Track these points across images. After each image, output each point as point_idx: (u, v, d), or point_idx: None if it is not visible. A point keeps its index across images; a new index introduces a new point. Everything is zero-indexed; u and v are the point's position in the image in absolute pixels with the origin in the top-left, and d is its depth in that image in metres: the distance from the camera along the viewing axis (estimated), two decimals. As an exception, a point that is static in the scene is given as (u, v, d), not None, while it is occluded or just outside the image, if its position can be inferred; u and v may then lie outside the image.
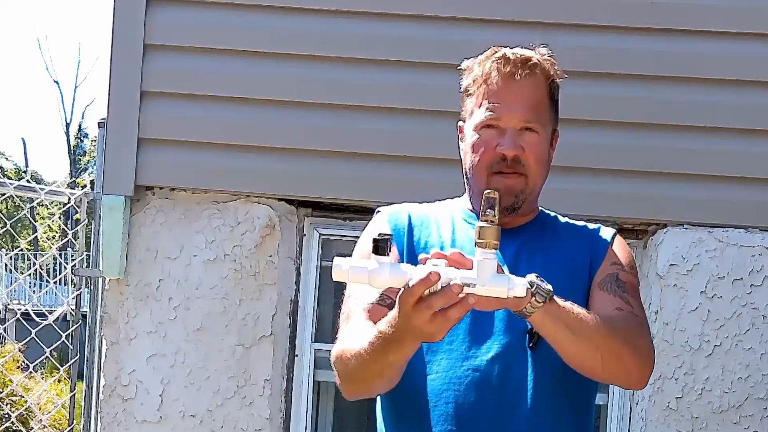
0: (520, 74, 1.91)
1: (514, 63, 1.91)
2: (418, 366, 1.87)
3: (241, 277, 3.61)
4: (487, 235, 1.59)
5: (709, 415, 3.50)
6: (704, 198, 3.55)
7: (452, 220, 2.01)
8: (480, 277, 1.58)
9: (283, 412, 3.65)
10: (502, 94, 1.91)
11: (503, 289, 1.59)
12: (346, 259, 1.61)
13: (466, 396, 1.86)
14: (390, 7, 3.57)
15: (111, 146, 3.59)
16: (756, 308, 3.51)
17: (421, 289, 1.56)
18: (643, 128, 3.55)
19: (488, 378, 1.86)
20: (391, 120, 3.52)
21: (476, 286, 1.57)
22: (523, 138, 1.92)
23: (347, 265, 1.60)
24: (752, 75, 3.53)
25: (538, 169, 1.94)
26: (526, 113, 1.92)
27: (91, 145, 35.60)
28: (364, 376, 1.83)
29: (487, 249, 1.59)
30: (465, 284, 1.56)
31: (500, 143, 1.91)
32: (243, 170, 3.59)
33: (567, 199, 3.41)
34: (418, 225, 1.99)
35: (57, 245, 5.18)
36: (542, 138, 1.95)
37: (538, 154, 1.93)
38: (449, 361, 1.87)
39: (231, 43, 3.60)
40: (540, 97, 1.94)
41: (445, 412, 1.86)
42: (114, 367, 3.63)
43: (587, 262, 1.96)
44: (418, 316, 1.58)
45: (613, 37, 3.55)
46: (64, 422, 7.95)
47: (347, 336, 1.87)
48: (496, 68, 1.92)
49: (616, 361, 1.81)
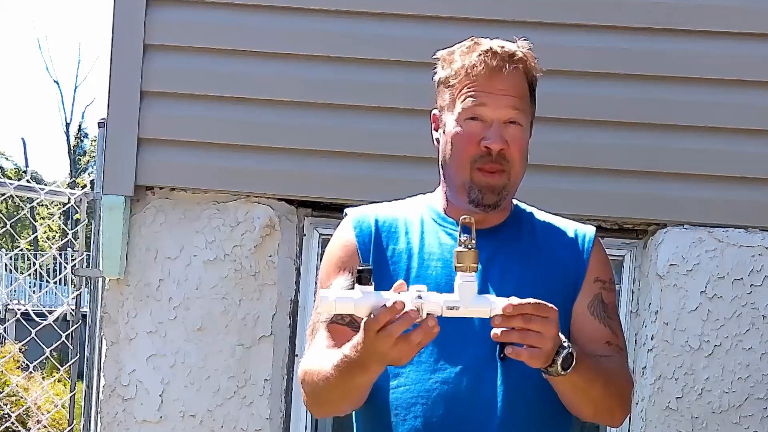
0: (507, 68, 1.89)
1: (501, 57, 1.89)
2: (388, 378, 1.86)
3: (241, 277, 3.61)
4: (465, 259, 1.68)
5: (709, 415, 3.50)
6: (704, 198, 3.54)
7: (421, 222, 1.97)
8: (462, 300, 1.66)
9: (283, 412, 3.65)
10: (488, 87, 1.88)
11: (486, 311, 1.67)
12: (332, 291, 1.72)
13: (434, 410, 1.84)
14: (390, 7, 3.57)
15: (111, 146, 3.59)
16: (756, 308, 3.51)
17: (386, 317, 1.60)
18: (643, 128, 3.55)
19: (457, 390, 1.84)
20: (391, 120, 3.52)
21: (460, 309, 1.66)
22: (508, 131, 1.89)
23: (333, 297, 1.67)
24: (752, 75, 3.53)
25: (520, 163, 1.92)
26: (512, 106, 1.90)
27: (91, 145, 35.60)
28: (329, 398, 1.84)
29: (466, 272, 1.67)
30: (449, 307, 1.65)
31: (486, 137, 1.88)
32: (243, 170, 3.59)
33: (567, 199, 3.42)
34: (385, 231, 1.96)
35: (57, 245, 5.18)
36: (525, 131, 1.93)
37: (521, 147, 1.91)
38: (417, 373, 1.86)
39: (231, 43, 3.59)
40: (522, 91, 1.92)
41: (414, 427, 1.84)
42: (114, 367, 3.63)
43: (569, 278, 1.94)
44: (381, 342, 1.62)
45: (613, 37, 3.55)
46: (64, 422, 7.95)
47: (311, 355, 1.88)
48: (483, 61, 1.89)
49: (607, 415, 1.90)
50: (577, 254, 1.95)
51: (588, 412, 1.87)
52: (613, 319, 1.95)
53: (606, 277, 1.97)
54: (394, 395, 1.87)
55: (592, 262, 1.95)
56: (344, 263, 1.94)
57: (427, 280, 1.87)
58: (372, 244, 1.94)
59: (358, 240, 1.95)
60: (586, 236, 1.98)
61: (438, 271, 1.89)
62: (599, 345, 1.91)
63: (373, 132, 3.56)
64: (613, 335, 1.93)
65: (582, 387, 1.79)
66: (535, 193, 2.52)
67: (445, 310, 1.65)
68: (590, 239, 1.97)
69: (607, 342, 1.92)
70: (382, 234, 1.95)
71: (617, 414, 1.91)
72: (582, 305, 1.93)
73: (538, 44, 2.88)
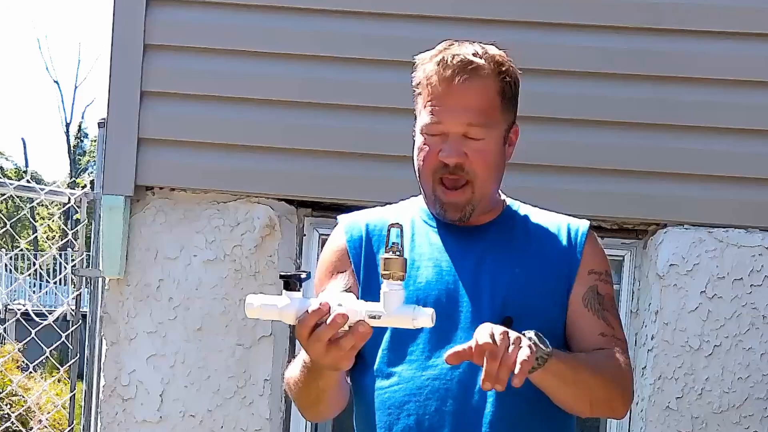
0: (459, 79, 1.82)
1: (453, 67, 1.83)
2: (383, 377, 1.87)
3: (241, 277, 3.61)
4: (392, 266, 1.62)
5: (709, 415, 3.50)
6: (704, 198, 3.54)
7: (412, 223, 1.96)
8: (386, 309, 1.61)
9: (283, 412, 3.66)
10: (442, 99, 1.84)
11: (408, 320, 1.62)
12: (257, 297, 1.65)
13: (426, 407, 1.84)
14: (390, 7, 3.57)
15: (111, 146, 3.60)
16: (756, 308, 3.51)
17: (312, 320, 1.60)
18: (643, 128, 3.55)
19: (449, 386, 1.83)
20: (391, 120, 3.52)
21: (382, 318, 1.61)
22: (468, 144, 1.84)
23: (258, 303, 1.64)
24: (752, 75, 3.53)
25: (486, 174, 1.86)
26: (468, 119, 1.83)
27: (91, 145, 35.60)
28: (305, 403, 1.89)
29: (392, 280, 1.62)
30: (371, 316, 1.60)
31: (442, 149, 1.84)
32: (243, 170, 3.59)
33: (567, 199, 3.42)
34: (375, 235, 1.95)
35: (57, 245, 5.18)
36: (489, 143, 1.85)
37: (484, 159, 1.85)
38: (410, 371, 1.85)
39: (231, 43, 3.60)
40: (485, 100, 1.85)
41: (407, 425, 1.84)
42: (114, 367, 3.63)
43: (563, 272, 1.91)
44: (312, 348, 1.62)
45: (613, 37, 3.55)
46: (64, 422, 7.95)
47: (294, 361, 1.89)
48: (436, 72, 1.84)
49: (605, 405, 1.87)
50: (570, 248, 1.93)
51: (583, 407, 1.85)
52: (609, 310, 1.92)
53: (601, 268, 1.94)
54: (387, 395, 1.87)
55: (585, 254, 1.92)
56: (336, 268, 1.95)
57: (418, 279, 1.87)
58: (363, 249, 1.94)
59: (349, 245, 1.95)
60: (579, 229, 1.95)
61: (429, 271, 1.89)
62: (593, 337, 1.89)
63: (373, 132, 3.56)
64: (608, 326, 1.90)
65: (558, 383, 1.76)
66: (536, 193, 2.53)
67: (367, 318, 1.61)
68: (583, 232, 1.95)
69: (601, 333, 1.89)
70: (372, 239, 1.95)
71: (617, 405, 1.88)
72: (577, 298, 1.90)
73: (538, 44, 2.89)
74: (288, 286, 1.62)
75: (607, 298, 1.93)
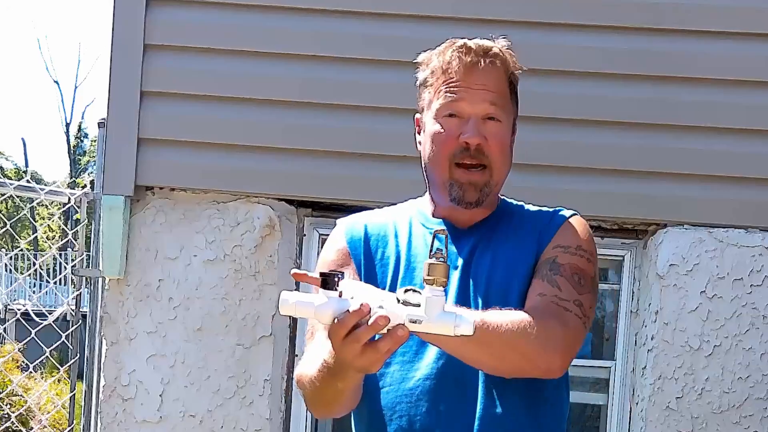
0: (482, 63, 1.86)
1: (475, 52, 1.86)
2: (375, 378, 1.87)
3: (241, 277, 3.61)
4: (435, 272, 1.58)
5: (709, 415, 3.50)
6: (704, 198, 3.55)
7: (410, 225, 1.97)
8: (427, 314, 1.58)
9: (283, 412, 3.66)
10: (464, 82, 1.87)
11: (449, 327, 1.58)
12: (292, 294, 1.61)
13: (418, 407, 1.84)
14: (390, 7, 3.57)
15: (111, 146, 3.60)
16: (756, 308, 3.51)
17: (352, 321, 1.55)
18: (643, 128, 3.55)
19: (438, 385, 1.83)
20: (391, 120, 3.52)
21: (423, 323, 1.57)
22: (486, 127, 1.87)
23: (293, 299, 1.60)
24: (752, 75, 3.53)
25: (501, 159, 1.89)
26: (489, 101, 1.87)
27: (91, 145, 35.60)
28: (320, 401, 1.85)
29: (435, 286, 1.58)
30: (412, 320, 1.57)
31: (463, 132, 1.86)
32: (243, 170, 3.59)
33: (567, 199, 3.41)
34: (375, 236, 1.96)
35: (57, 245, 5.17)
36: (505, 127, 1.89)
37: (501, 143, 1.89)
38: (401, 372, 1.86)
39: (231, 43, 3.60)
40: (501, 87, 1.89)
41: (400, 426, 1.85)
42: (114, 367, 3.63)
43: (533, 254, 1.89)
44: (347, 349, 1.57)
45: (613, 37, 3.55)
46: (64, 422, 7.95)
47: (306, 358, 1.88)
48: (458, 57, 1.87)
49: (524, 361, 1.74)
50: (546, 231, 1.91)
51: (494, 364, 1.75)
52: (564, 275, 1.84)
53: (569, 243, 1.89)
54: (380, 396, 1.88)
55: (558, 233, 1.91)
56: (339, 266, 1.95)
57: (414, 281, 1.87)
58: (362, 251, 1.95)
59: (349, 246, 1.96)
60: (559, 214, 1.95)
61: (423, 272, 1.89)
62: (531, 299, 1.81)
63: (373, 132, 3.57)
64: (552, 288, 1.82)
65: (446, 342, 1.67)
66: (536, 193, 2.53)
67: (408, 323, 1.57)
68: (562, 216, 1.94)
69: (540, 293, 1.82)
70: (371, 240, 1.96)
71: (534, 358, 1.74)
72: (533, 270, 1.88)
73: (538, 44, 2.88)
74: (326, 284, 1.58)
75: (568, 267, 1.86)
